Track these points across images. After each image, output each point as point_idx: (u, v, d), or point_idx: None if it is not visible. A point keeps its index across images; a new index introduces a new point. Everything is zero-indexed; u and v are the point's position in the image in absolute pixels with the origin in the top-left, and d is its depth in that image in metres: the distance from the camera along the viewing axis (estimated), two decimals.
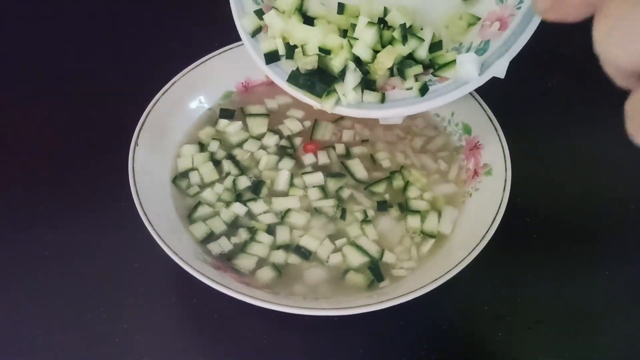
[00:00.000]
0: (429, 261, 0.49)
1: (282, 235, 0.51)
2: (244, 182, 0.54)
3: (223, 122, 0.59)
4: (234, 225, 0.52)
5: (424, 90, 0.46)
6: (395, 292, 0.44)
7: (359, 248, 0.50)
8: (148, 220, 0.46)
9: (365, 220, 0.51)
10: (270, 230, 0.51)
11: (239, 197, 0.54)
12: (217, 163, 0.56)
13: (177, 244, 0.47)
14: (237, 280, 0.47)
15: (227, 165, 0.55)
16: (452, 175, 0.55)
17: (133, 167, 0.50)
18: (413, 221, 0.52)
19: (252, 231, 0.51)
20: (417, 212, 0.52)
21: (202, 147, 0.57)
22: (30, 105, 0.67)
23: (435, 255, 0.50)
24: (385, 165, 0.56)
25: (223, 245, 0.50)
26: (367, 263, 0.49)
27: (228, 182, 0.54)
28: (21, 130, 0.64)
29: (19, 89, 0.69)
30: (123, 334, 0.49)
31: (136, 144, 0.52)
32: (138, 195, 0.48)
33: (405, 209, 0.53)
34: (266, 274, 0.48)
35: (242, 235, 0.51)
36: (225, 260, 0.49)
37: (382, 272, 0.48)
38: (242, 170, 0.55)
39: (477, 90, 0.56)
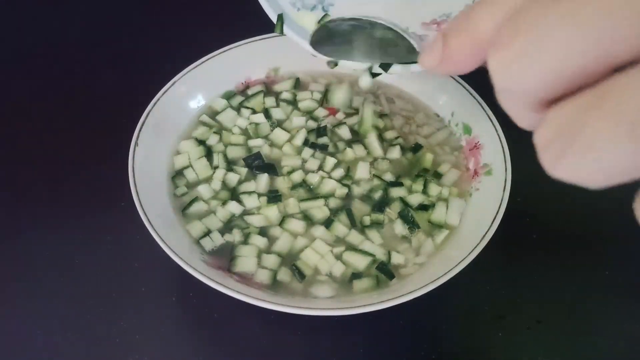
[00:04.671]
0: (438, 255, 0.49)
1: (282, 243, 0.50)
2: (233, 179, 0.54)
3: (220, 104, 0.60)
4: (228, 225, 0.51)
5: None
6: (395, 291, 0.44)
7: (361, 251, 0.50)
8: (148, 220, 0.46)
9: (369, 225, 0.51)
10: (264, 232, 0.51)
11: (233, 192, 0.53)
12: (211, 156, 0.56)
13: (177, 244, 0.47)
14: (237, 280, 0.47)
15: (216, 159, 0.55)
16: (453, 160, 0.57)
17: (133, 167, 0.50)
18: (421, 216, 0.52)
19: (245, 233, 0.51)
20: (426, 206, 0.52)
21: (201, 142, 0.57)
22: (30, 105, 0.67)
23: (445, 248, 0.50)
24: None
25: (215, 239, 0.50)
26: (373, 264, 0.49)
27: (219, 174, 0.54)
28: (21, 130, 0.64)
29: (19, 89, 0.69)
30: (123, 334, 0.49)
31: (136, 144, 0.52)
32: (138, 195, 0.48)
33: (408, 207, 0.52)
34: (266, 275, 0.48)
35: (236, 236, 0.50)
36: (225, 260, 0.49)
37: (392, 271, 0.49)
38: (230, 162, 0.56)
39: (477, 90, 0.57)
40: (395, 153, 0.57)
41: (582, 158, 0.16)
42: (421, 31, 0.49)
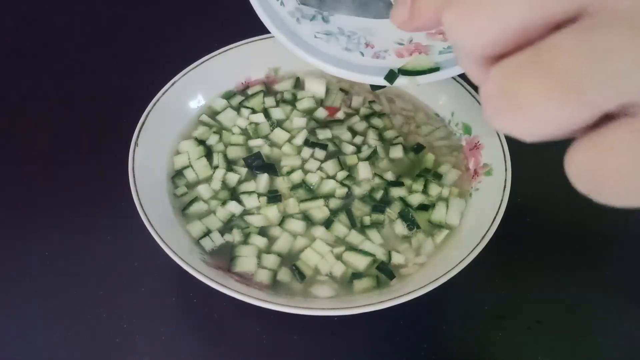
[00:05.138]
0: (438, 255, 0.49)
1: (282, 243, 0.50)
2: (232, 179, 0.54)
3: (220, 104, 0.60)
4: (228, 225, 0.51)
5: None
6: (395, 291, 0.44)
7: (361, 251, 0.50)
8: (148, 220, 0.46)
9: (369, 225, 0.51)
10: (264, 232, 0.51)
11: (233, 192, 0.53)
12: (211, 156, 0.56)
13: (177, 244, 0.47)
14: (237, 280, 0.47)
15: (216, 159, 0.55)
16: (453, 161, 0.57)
17: (133, 167, 0.50)
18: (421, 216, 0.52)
19: (245, 233, 0.51)
20: (426, 206, 0.52)
21: (200, 142, 0.57)
22: (30, 105, 0.67)
23: (445, 248, 0.50)
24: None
25: (215, 239, 0.50)
26: (373, 263, 0.49)
27: (219, 174, 0.54)
28: (21, 130, 0.64)
29: (18, 88, 0.69)
30: (123, 334, 0.49)
31: (136, 144, 0.52)
32: (138, 195, 0.48)
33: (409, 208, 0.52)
34: (266, 275, 0.48)
35: (236, 236, 0.50)
36: (225, 260, 0.49)
37: (392, 271, 0.48)
38: (230, 162, 0.56)
39: (477, 90, 0.57)
40: (397, 152, 0.57)
41: (517, 113, 0.17)
42: (426, 42, 0.50)
